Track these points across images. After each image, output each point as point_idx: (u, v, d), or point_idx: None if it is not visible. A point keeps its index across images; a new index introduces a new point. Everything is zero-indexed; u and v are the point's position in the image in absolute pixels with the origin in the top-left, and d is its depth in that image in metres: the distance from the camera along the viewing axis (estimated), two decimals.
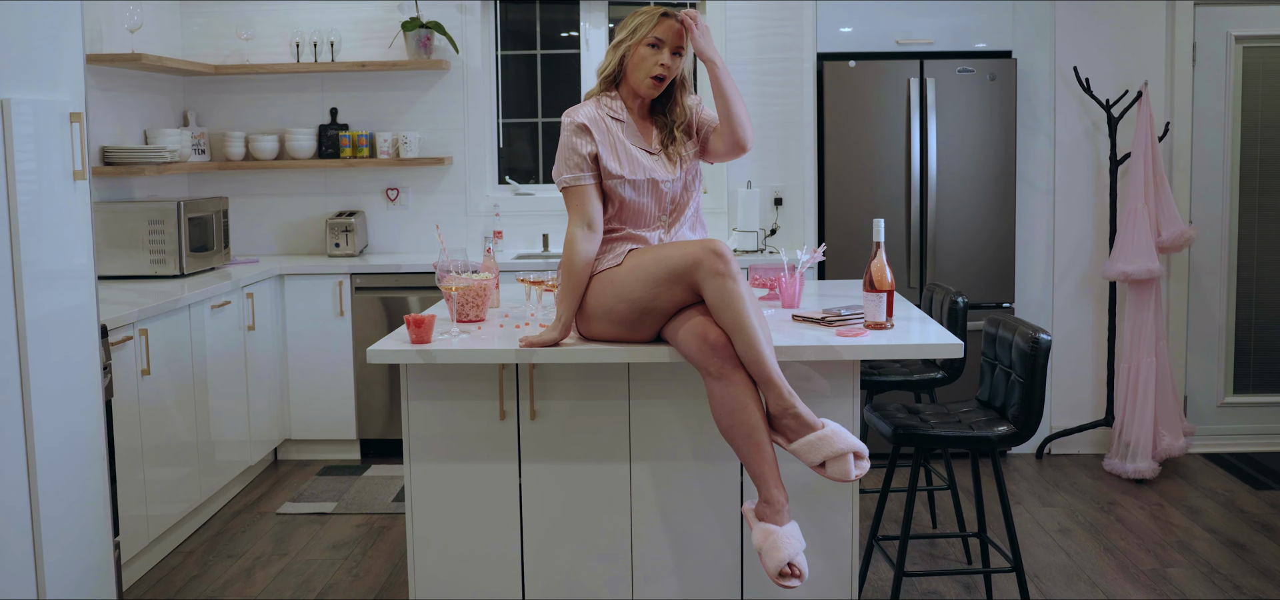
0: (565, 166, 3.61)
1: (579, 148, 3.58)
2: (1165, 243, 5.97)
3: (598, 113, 3.65)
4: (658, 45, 3.62)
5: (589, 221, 3.57)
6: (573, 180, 3.59)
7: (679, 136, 3.70)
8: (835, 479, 3.27)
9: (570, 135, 3.61)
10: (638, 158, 3.62)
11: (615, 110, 3.67)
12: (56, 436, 3.44)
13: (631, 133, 3.67)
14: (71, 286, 3.55)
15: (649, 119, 3.75)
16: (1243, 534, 5.17)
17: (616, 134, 3.63)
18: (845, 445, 3.25)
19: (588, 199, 3.58)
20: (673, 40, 3.62)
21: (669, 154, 3.69)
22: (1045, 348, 3.75)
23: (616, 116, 3.66)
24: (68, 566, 3.49)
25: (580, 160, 3.58)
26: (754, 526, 3.33)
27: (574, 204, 3.60)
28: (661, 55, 3.61)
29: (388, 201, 6.94)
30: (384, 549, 5.10)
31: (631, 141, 3.65)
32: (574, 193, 3.59)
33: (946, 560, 4.95)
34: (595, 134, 3.60)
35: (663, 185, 3.64)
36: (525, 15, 7.04)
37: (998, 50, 6.20)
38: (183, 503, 5.19)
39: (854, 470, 3.26)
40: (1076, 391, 6.40)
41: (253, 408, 5.95)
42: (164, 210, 5.71)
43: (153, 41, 6.35)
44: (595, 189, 3.60)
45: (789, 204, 6.72)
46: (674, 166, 3.68)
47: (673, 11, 3.65)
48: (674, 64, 3.64)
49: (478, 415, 3.74)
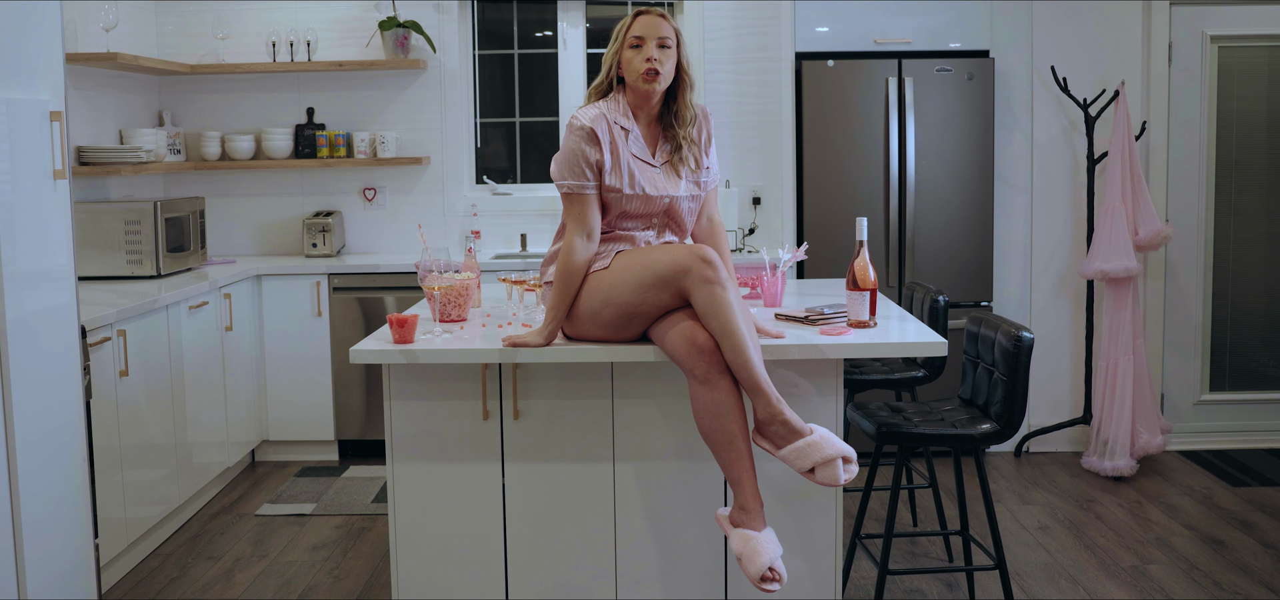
0: (569, 171, 3.53)
1: (587, 155, 3.50)
2: (1142, 241, 6.01)
3: (604, 121, 3.55)
4: (639, 43, 3.55)
5: (589, 231, 3.52)
6: (576, 188, 3.52)
7: (685, 148, 3.63)
8: (824, 484, 3.27)
9: (579, 141, 3.52)
10: (636, 173, 3.56)
11: (623, 117, 3.59)
12: (37, 437, 3.41)
13: (637, 141, 3.60)
14: (52, 286, 3.53)
15: (658, 126, 3.67)
16: (1221, 530, 5.20)
17: (622, 144, 3.56)
18: (834, 450, 3.25)
19: (589, 208, 3.52)
20: (652, 34, 3.54)
21: (673, 164, 3.64)
22: (1028, 346, 3.76)
23: (624, 125, 3.58)
24: (48, 567, 3.46)
25: (585, 167, 3.51)
26: (731, 533, 3.33)
27: (575, 212, 3.53)
28: (646, 50, 3.53)
29: (365, 201, 6.91)
30: (364, 550, 5.08)
31: (637, 150, 3.59)
32: (576, 200, 3.53)
33: (928, 559, 4.96)
34: (603, 143, 3.52)
35: (659, 200, 3.59)
36: (502, 15, 7.02)
37: (975, 50, 6.23)
38: (161, 504, 5.15)
39: (843, 475, 3.26)
40: (1054, 389, 6.43)
41: (230, 409, 5.92)
42: (140, 210, 5.67)
43: (128, 41, 6.30)
44: (597, 199, 3.55)
45: (768, 203, 6.72)
46: (676, 179, 3.63)
47: (651, 7, 3.61)
48: (662, 57, 3.54)
49: (461, 415, 3.72)
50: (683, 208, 3.66)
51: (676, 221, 3.69)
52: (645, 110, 3.63)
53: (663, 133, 3.67)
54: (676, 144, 3.64)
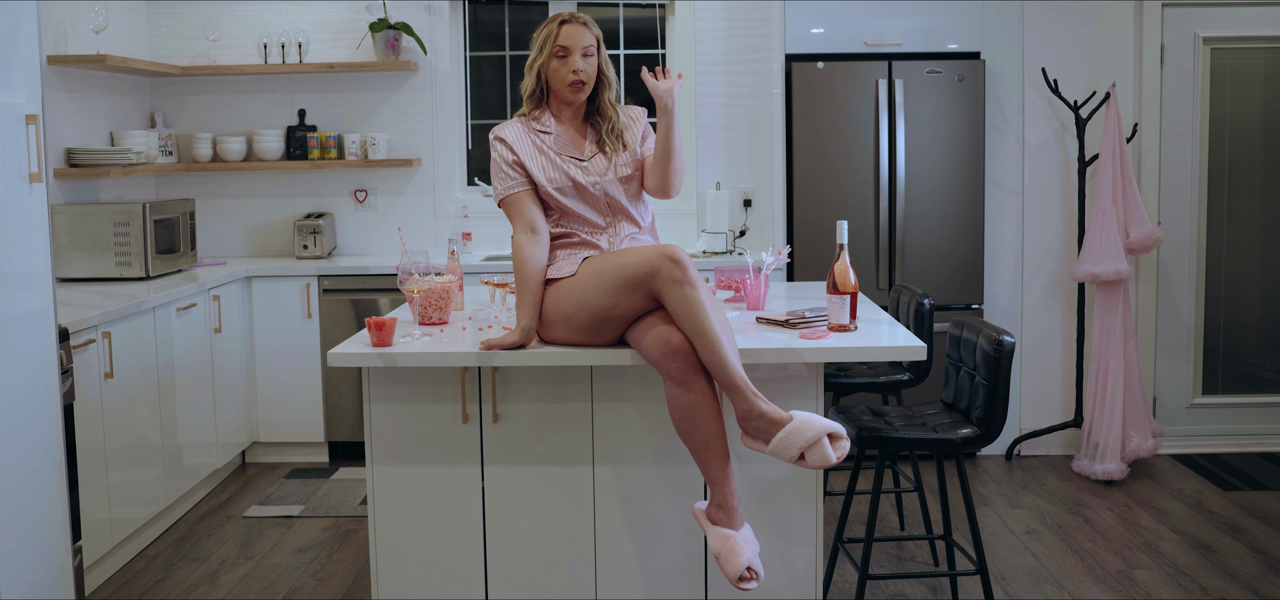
0: (498, 180, 3.71)
1: (505, 156, 3.69)
2: (1133, 244, 5.99)
3: (520, 127, 3.74)
4: (565, 54, 3.69)
5: (530, 225, 3.63)
6: (506, 190, 3.69)
7: (608, 138, 3.76)
8: (817, 466, 3.21)
9: (496, 150, 3.72)
10: (557, 162, 3.69)
11: (542, 124, 3.75)
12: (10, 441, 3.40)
13: (563, 142, 3.74)
14: (27, 290, 3.51)
15: (586, 125, 3.81)
16: (1210, 535, 5.18)
17: (541, 144, 3.71)
18: (817, 430, 3.19)
19: (525, 205, 3.66)
20: (577, 44, 3.68)
21: (603, 154, 3.75)
22: (1009, 350, 3.74)
23: (543, 130, 3.74)
24: (23, 573, 3.45)
25: (507, 169, 3.68)
26: (709, 531, 3.33)
27: (514, 213, 3.68)
28: (572, 61, 3.68)
29: (356, 203, 6.91)
30: (350, 552, 5.07)
31: (561, 150, 3.72)
32: (511, 202, 3.68)
33: (914, 563, 4.95)
34: (515, 144, 3.69)
35: (587, 185, 3.69)
36: (494, 16, 7.02)
37: (966, 51, 6.21)
38: (148, 506, 5.15)
39: (832, 453, 3.21)
40: (1045, 393, 6.41)
41: (219, 410, 5.91)
42: (129, 212, 5.67)
43: (119, 43, 6.30)
44: (531, 195, 3.68)
45: (758, 205, 6.71)
46: (606, 165, 3.73)
47: (574, 15, 3.73)
48: (586, 67, 3.69)
49: (440, 418, 3.72)
50: (622, 195, 3.74)
51: (624, 214, 3.75)
52: (569, 110, 3.79)
53: (589, 128, 3.80)
54: (600, 136, 3.77)
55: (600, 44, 3.74)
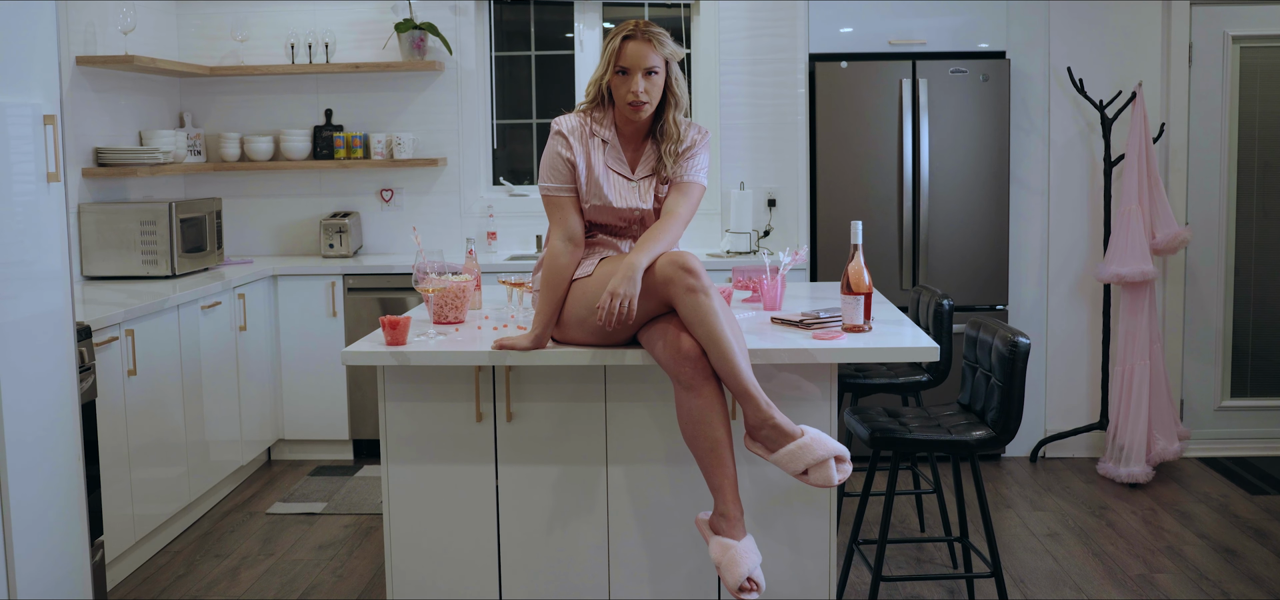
0: (550, 174, 3.61)
1: (562, 155, 3.59)
2: (1159, 245, 5.94)
3: (580, 126, 3.62)
4: (626, 73, 3.54)
5: (571, 236, 3.57)
6: (555, 190, 3.60)
7: (666, 158, 3.62)
8: (818, 485, 3.25)
9: (555, 144, 3.61)
10: (603, 182, 3.59)
11: (603, 129, 3.63)
12: (29, 440, 3.43)
13: (615, 154, 3.63)
14: (45, 289, 3.55)
15: (645, 141, 3.68)
16: (1235, 540, 5.13)
17: (596, 153, 3.60)
18: (826, 450, 3.23)
19: (569, 212, 3.59)
20: (638, 64, 3.51)
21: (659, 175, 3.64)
22: (1024, 351, 3.72)
23: (604, 136, 3.62)
24: (41, 570, 3.49)
25: (562, 169, 3.58)
26: (711, 540, 3.32)
27: (556, 216, 3.60)
28: (633, 82, 3.52)
29: (382, 202, 6.95)
30: (370, 550, 5.10)
31: (612, 163, 3.62)
32: (556, 203, 3.60)
33: (933, 564, 4.92)
34: (575, 146, 3.59)
35: (626, 211, 3.63)
36: (520, 16, 7.03)
37: (991, 51, 6.17)
38: (171, 502, 5.20)
39: (836, 475, 3.24)
40: (1071, 394, 6.37)
41: (244, 408, 5.96)
42: (156, 211, 5.72)
43: (148, 43, 6.36)
44: (574, 202, 3.60)
45: (782, 205, 6.70)
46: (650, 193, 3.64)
47: (641, 28, 3.55)
48: (649, 86, 3.54)
49: (454, 417, 3.73)
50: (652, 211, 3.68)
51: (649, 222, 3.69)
52: (631, 126, 3.64)
53: (650, 147, 3.67)
54: (660, 159, 3.64)
55: (670, 63, 3.57)
